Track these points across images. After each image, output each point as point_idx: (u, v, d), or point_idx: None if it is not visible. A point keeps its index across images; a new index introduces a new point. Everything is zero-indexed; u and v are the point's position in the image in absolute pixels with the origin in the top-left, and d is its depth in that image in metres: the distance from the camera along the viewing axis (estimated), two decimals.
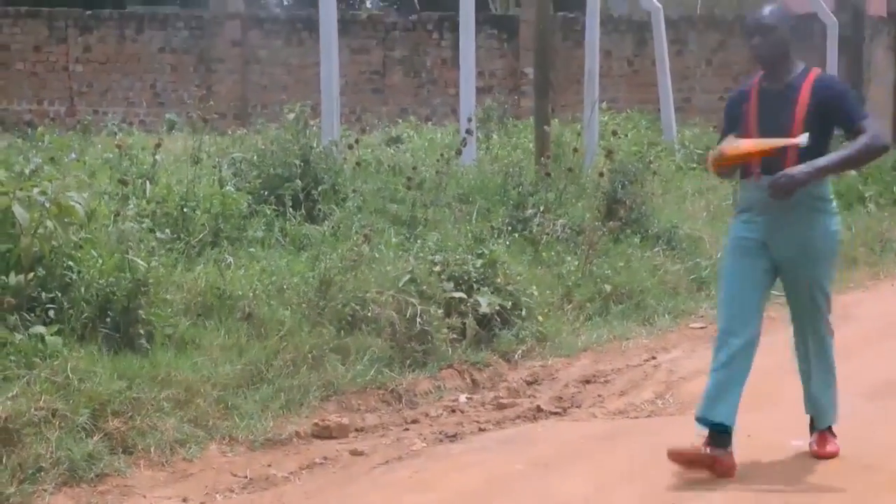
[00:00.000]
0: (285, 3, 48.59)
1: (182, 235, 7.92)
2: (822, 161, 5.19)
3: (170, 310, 6.73)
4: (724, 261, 5.52)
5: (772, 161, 5.23)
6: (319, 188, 9.25)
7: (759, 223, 5.34)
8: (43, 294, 6.22)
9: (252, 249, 8.12)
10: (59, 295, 6.26)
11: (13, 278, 6.14)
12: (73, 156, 9.43)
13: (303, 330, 7.00)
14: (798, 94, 5.27)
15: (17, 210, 6.27)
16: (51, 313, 6.17)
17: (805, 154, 5.19)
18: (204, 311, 7.00)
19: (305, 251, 8.26)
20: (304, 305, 7.24)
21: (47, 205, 6.44)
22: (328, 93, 10.76)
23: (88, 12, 22.32)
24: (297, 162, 9.36)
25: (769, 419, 6.10)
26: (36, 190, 6.52)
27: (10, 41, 21.71)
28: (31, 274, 6.22)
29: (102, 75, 21.89)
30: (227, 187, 8.83)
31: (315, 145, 9.68)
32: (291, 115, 10.91)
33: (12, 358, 5.66)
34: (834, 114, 5.27)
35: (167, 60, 21.99)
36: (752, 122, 5.35)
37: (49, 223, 6.38)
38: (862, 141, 5.20)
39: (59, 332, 6.01)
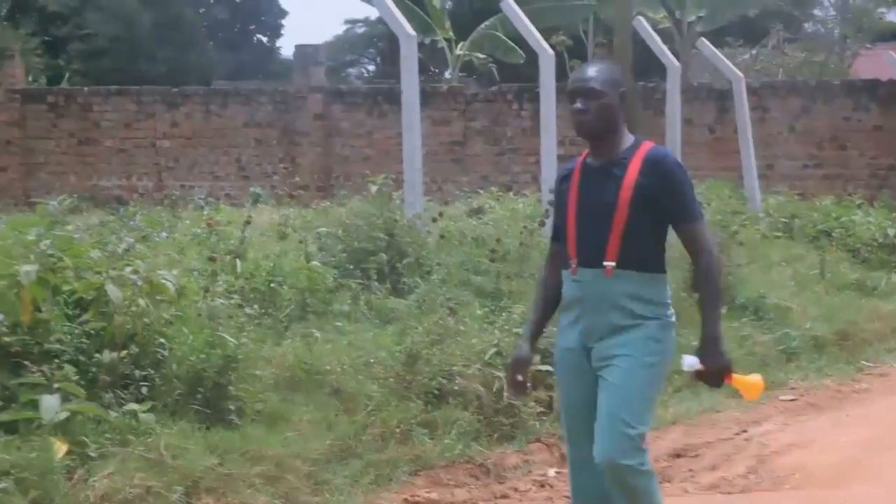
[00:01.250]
0: (366, 75, 49.27)
1: (270, 310, 8.00)
2: (709, 319, 4.28)
3: (259, 385, 6.78)
4: (557, 377, 4.67)
5: (591, 248, 4.37)
6: (404, 261, 9.31)
7: (578, 325, 4.45)
8: (136, 371, 6.31)
9: (338, 323, 8.17)
10: (152, 372, 6.35)
11: (107, 356, 6.23)
12: (164, 234, 9.59)
13: (390, 404, 7.01)
14: (625, 170, 4.36)
15: (111, 289, 6.39)
16: (144, 390, 6.25)
17: (632, 242, 4.32)
18: (292, 386, 7.05)
19: (391, 325, 8.30)
20: (391, 379, 7.26)
21: (139, 283, 6.57)
22: (411, 165, 10.84)
23: (175, 89, 22.80)
24: (382, 235, 9.44)
25: (869, 495, 5.97)
26: (128, 269, 6.66)
27: (100, 118, 22.23)
28: (125, 351, 6.32)
29: (189, 150, 22.30)
30: (314, 262, 8.92)
31: (399, 218, 9.75)
32: (374, 188, 11.01)
33: (107, 435, 5.73)
34: (664, 201, 4.33)
35: (251, 134, 22.35)
36: (573, 202, 4.46)
37: (141, 301, 6.50)
38: (705, 264, 4.30)
39: (152, 409, 6.08)
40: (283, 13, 50.32)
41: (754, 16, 28.73)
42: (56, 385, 5.78)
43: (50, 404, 5.63)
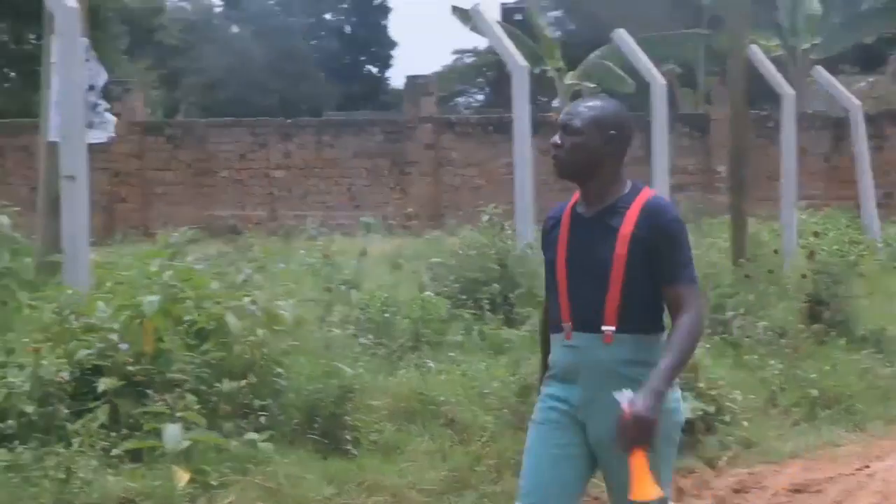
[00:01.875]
0: (474, 104, 49.52)
1: (384, 341, 8.07)
2: (664, 371, 3.71)
3: (375, 415, 6.84)
4: (529, 431, 4.08)
5: (587, 311, 3.86)
6: (516, 291, 9.32)
7: (570, 394, 3.92)
8: (255, 400, 6.40)
9: (452, 354, 8.20)
10: (270, 401, 6.44)
11: (227, 385, 6.34)
12: (282, 265, 9.74)
13: (505, 435, 7.00)
14: (621, 221, 3.86)
15: (230, 319, 6.52)
16: (262, 419, 6.34)
17: (632, 303, 3.84)
18: (407, 416, 7.09)
19: (504, 355, 8.30)
20: (505, 410, 7.25)
21: (258, 313, 6.68)
22: (522, 195, 10.86)
23: (288, 121, 23.17)
24: (495, 266, 9.46)
25: None
26: (247, 299, 6.78)
27: (216, 150, 22.68)
28: (244, 381, 6.41)
29: (301, 180, 22.62)
30: (427, 292, 8.97)
31: (511, 248, 9.77)
32: (485, 218, 11.05)
33: (228, 464, 5.83)
34: (658, 256, 3.83)
35: (362, 164, 22.60)
36: (562, 257, 3.94)
37: (260, 331, 6.62)
38: (688, 323, 3.77)
39: (271, 438, 6.17)
40: (393, 44, 50.81)
41: (871, 42, 28.28)
42: (178, 414, 5.89)
43: (173, 433, 5.75)
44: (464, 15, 25.21)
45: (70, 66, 7.29)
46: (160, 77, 39.31)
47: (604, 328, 3.85)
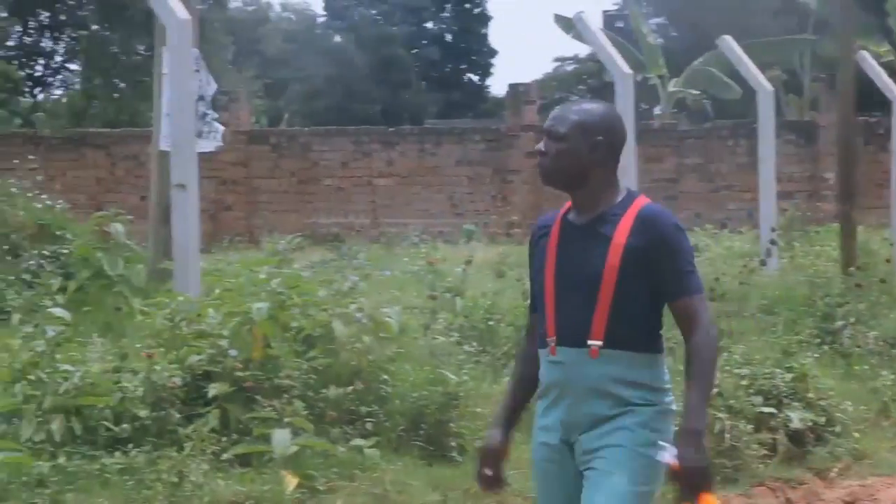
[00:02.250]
0: None
1: (488, 348, 8.08)
2: (697, 409, 3.46)
3: (479, 422, 6.84)
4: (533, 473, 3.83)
5: (573, 324, 3.59)
6: None
7: (558, 415, 3.64)
8: (361, 407, 6.46)
9: None
10: (376, 408, 6.49)
11: (333, 391, 6.41)
12: (387, 272, 9.81)
13: None
14: (614, 230, 3.60)
15: (337, 326, 6.60)
16: (368, 426, 6.40)
17: (622, 317, 3.55)
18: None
19: None
20: None
21: (364, 320, 6.74)
22: None
23: (391, 129, 23.33)
24: None
25: None
26: (353, 306, 6.85)
27: (319, 158, 22.91)
28: (350, 387, 6.48)
29: (403, 188, 22.75)
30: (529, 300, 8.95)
31: None
32: None
33: (335, 470, 5.89)
34: (658, 268, 3.57)
35: (464, 172, 22.65)
36: (550, 267, 3.68)
37: (366, 338, 6.68)
38: (703, 344, 3.51)
39: (377, 445, 6.22)
40: (494, 52, 50.85)
41: None
42: (286, 420, 5.97)
43: (282, 438, 5.83)
44: (566, 23, 25.18)
45: (181, 77, 7.44)
46: (264, 86, 39.84)
47: (590, 342, 3.57)
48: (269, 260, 7.24)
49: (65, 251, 9.33)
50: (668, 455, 3.45)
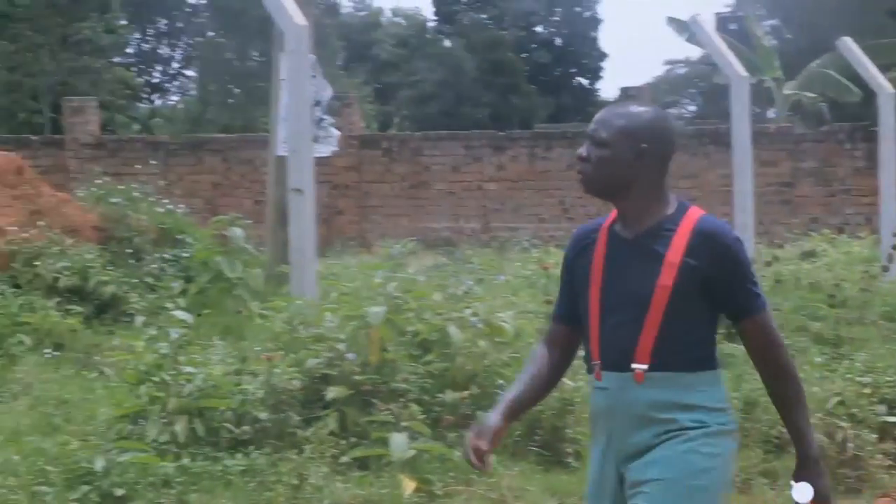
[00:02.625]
0: (686, 115, 48.86)
1: None
2: (808, 435, 3.32)
3: (581, 428, 6.80)
4: None
5: (618, 347, 3.32)
6: None
7: (607, 445, 3.38)
8: (477, 411, 6.46)
9: None
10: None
11: (449, 396, 6.43)
12: (502, 277, 9.81)
13: None
14: (668, 247, 3.31)
15: (453, 331, 6.61)
16: None
17: (673, 338, 3.28)
18: None
19: (726, 370, 8.15)
20: None
21: (479, 325, 6.75)
22: (742, 208, 10.67)
23: (501, 133, 23.32)
24: None
25: None
26: (468, 311, 6.86)
27: (430, 163, 22.99)
28: (466, 392, 6.49)
29: (514, 193, 22.72)
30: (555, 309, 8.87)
31: None
32: None
33: (451, 474, 5.90)
34: (720, 288, 3.29)
35: (574, 177, 22.51)
36: (595, 284, 3.38)
37: (481, 342, 6.69)
38: (781, 358, 3.31)
39: (493, 450, 6.20)
40: (604, 56, 50.59)
41: None
42: (404, 423, 6.00)
43: (399, 442, 5.86)
44: (679, 25, 24.92)
45: (298, 83, 7.52)
46: (374, 91, 40.16)
47: (634, 366, 3.30)
48: (385, 264, 7.29)
49: (185, 255, 9.52)
50: (803, 495, 3.24)
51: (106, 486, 5.32)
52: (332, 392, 6.19)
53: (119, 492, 5.32)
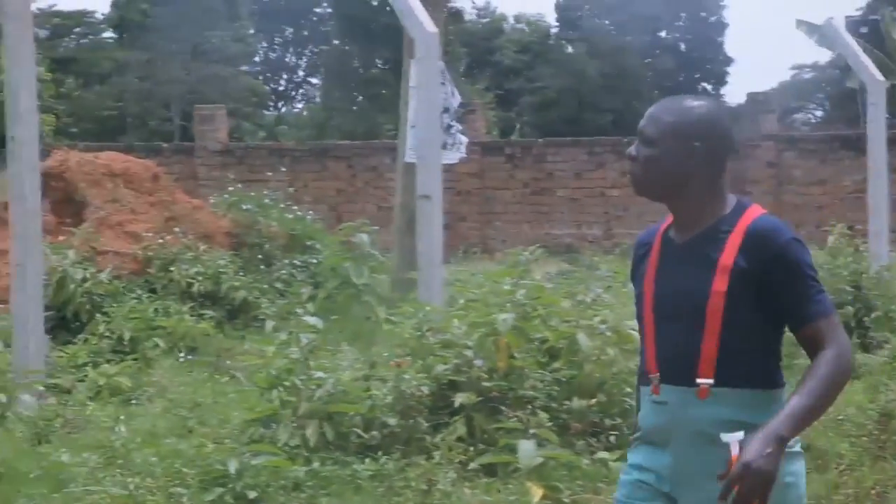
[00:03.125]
0: (812, 121, 47.96)
1: None
2: (791, 414, 2.90)
3: None
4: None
5: (678, 359, 3.10)
6: (872, 315, 8.96)
7: (665, 462, 3.14)
8: (605, 419, 6.42)
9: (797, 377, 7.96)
10: (620, 421, 6.44)
11: (577, 403, 6.40)
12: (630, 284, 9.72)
13: (864, 464, 6.72)
14: (721, 250, 3.08)
15: (582, 338, 6.58)
16: (612, 438, 6.35)
17: (735, 349, 3.04)
18: None
19: (859, 380, 7.98)
20: (864, 438, 6.96)
21: (608, 333, 6.70)
22: (877, 215, 10.45)
23: (625, 139, 23.14)
24: (848, 287, 9.14)
25: None
26: (597, 318, 6.82)
27: (553, 169, 22.94)
28: (594, 399, 6.45)
29: (637, 199, 22.41)
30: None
31: (865, 270, 9.42)
32: (832, 238, 10.69)
33: (579, 482, 5.86)
34: (776, 292, 3.04)
35: None
36: (649, 292, 3.19)
37: (610, 351, 6.63)
38: (828, 358, 2.96)
39: (621, 458, 6.15)
40: (729, 60, 49.88)
41: None
42: (532, 430, 5.98)
43: (527, 449, 5.84)
44: (810, 28, 24.45)
45: (428, 89, 7.56)
46: (496, 97, 40.20)
47: (698, 381, 3.06)
48: (512, 271, 7.27)
49: (314, 261, 9.63)
50: (734, 441, 2.95)
51: (239, 488, 5.40)
52: (460, 398, 6.20)
53: (252, 494, 5.39)
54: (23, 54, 6.87)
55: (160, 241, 9.79)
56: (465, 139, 8.48)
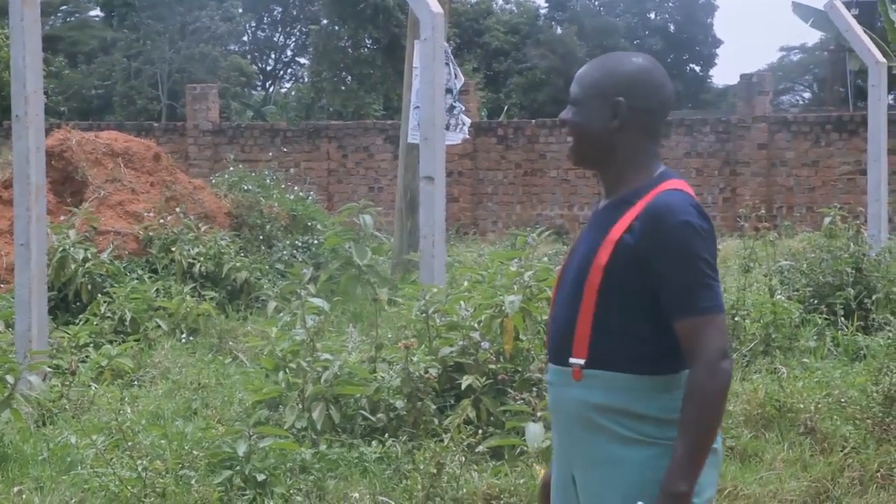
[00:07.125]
0: (801, 102, 48.01)
1: (735, 345, 7.93)
2: (679, 467, 2.71)
3: (730, 420, 6.72)
4: None
5: (559, 336, 2.87)
6: (873, 297, 8.96)
7: (556, 444, 3.00)
8: None
9: (805, 360, 7.97)
10: None
11: None
12: None
13: (868, 447, 6.72)
14: (614, 222, 2.81)
15: None
16: None
17: (613, 328, 2.79)
18: (764, 422, 6.92)
19: (860, 362, 7.99)
20: (868, 421, 6.95)
21: None
22: (876, 197, 10.43)
23: None
24: (849, 270, 9.13)
25: None
26: None
27: (545, 150, 22.89)
28: None
29: None
30: (777, 296, 8.74)
31: (866, 252, 9.42)
32: (827, 220, 10.69)
33: None
34: (658, 277, 2.77)
35: (692, 164, 22.26)
36: (561, 268, 3.02)
37: None
38: (696, 385, 2.71)
39: None
40: (718, 42, 49.91)
41: None
42: (538, 413, 5.96)
43: (535, 432, 5.82)
44: (804, 11, 24.41)
45: (432, 70, 7.51)
46: (485, 78, 40.09)
47: (570, 360, 2.83)
48: (519, 252, 7.24)
49: (315, 242, 9.58)
50: None
51: (248, 470, 5.37)
52: (467, 380, 6.18)
53: (261, 477, 5.36)
54: (29, 34, 6.80)
55: (161, 221, 9.75)
56: (467, 120, 8.44)
